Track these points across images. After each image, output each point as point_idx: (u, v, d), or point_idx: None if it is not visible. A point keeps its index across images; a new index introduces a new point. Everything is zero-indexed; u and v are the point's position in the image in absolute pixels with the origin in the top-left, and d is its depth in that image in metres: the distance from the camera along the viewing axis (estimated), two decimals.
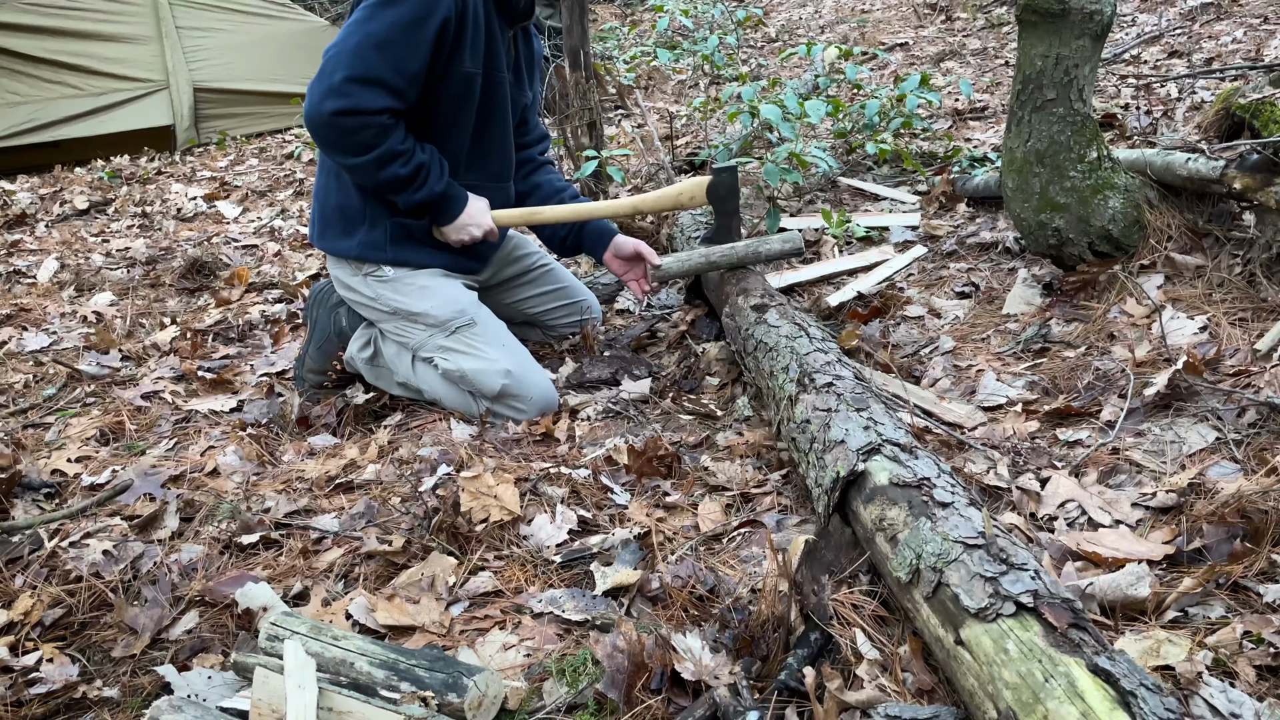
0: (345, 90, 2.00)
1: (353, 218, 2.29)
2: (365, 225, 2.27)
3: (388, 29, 2.00)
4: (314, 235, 2.40)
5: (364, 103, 2.00)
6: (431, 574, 1.63)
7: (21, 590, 1.67)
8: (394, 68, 2.01)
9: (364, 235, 2.28)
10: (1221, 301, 2.09)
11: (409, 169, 2.11)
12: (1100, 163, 2.28)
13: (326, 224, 2.35)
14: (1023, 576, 1.12)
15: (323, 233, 2.36)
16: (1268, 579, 1.31)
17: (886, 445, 1.48)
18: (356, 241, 2.28)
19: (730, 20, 6.30)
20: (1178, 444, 1.68)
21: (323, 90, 2.01)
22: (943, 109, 4.63)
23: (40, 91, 6.12)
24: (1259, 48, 4.31)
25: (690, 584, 1.51)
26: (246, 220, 4.74)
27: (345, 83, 2.00)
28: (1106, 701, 0.94)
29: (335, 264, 2.37)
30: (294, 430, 2.37)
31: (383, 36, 1.99)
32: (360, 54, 2.00)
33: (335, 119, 2.01)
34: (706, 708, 1.22)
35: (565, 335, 2.72)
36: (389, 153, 2.07)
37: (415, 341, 2.33)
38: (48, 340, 3.09)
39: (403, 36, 2.00)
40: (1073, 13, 2.14)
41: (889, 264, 2.81)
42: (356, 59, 2.00)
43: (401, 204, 2.21)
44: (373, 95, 2.01)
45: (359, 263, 2.31)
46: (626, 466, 1.95)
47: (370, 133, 2.04)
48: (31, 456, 2.22)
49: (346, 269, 2.35)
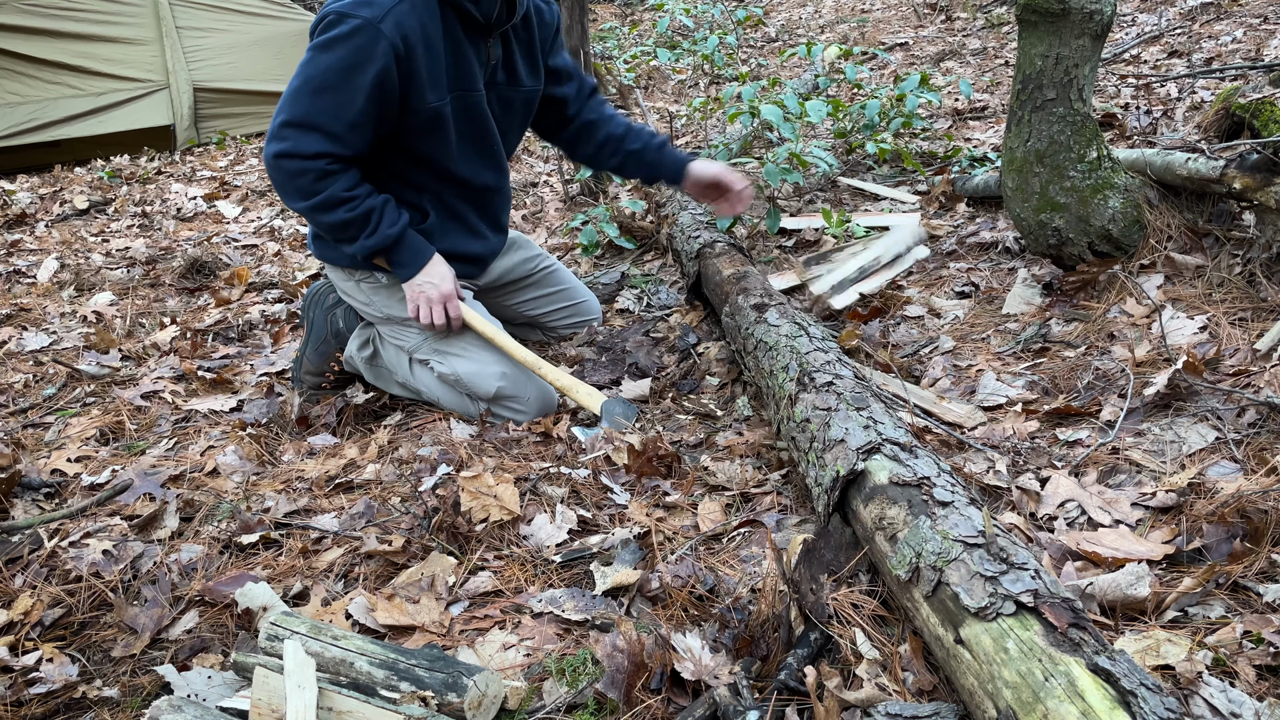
0: (282, 135, 1.99)
1: None
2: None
3: (324, 75, 1.97)
4: (311, 243, 2.41)
5: (300, 147, 1.98)
6: (431, 574, 1.63)
7: (21, 590, 1.67)
8: (331, 114, 1.98)
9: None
10: (1221, 301, 2.09)
11: (356, 213, 2.07)
12: (1100, 162, 2.28)
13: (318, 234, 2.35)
14: (1023, 576, 1.12)
15: (318, 244, 2.36)
16: (1268, 579, 1.31)
17: (886, 444, 1.48)
18: (347, 250, 2.29)
19: (730, 20, 6.30)
20: (1177, 444, 1.68)
21: (269, 133, 2.03)
22: (943, 109, 4.63)
23: (40, 92, 6.12)
24: (1259, 47, 4.31)
25: (690, 584, 1.51)
26: (246, 220, 4.74)
27: (282, 127, 2.00)
28: (1106, 701, 0.94)
29: (331, 268, 2.38)
30: (294, 430, 2.37)
31: (319, 82, 1.97)
32: (298, 99, 1.98)
33: (277, 162, 2.01)
34: (706, 707, 1.22)
35: (566, 336, 2.72)
36: (332, 198, 2.04)
37: (410, 344, 2.34)
38: (48, 340, 3.09)
39: (338, 82, 1.96)
40: (1073, 12, 2.14)
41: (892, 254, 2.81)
42: (295, 103, 1.99)
43: (359, 253, 2.15)
44: (309, 140, 1.98)
45: (351, 269, 2.32)
46: (626, 466, 1.95)
47: (309, 177, 2.01)
48: (31, 456, 2.22)
49: (340, 274, 2.36)
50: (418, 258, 2.19)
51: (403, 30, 1.96)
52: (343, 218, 2.07)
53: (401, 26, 1.96)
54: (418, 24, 1.99)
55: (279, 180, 2.05)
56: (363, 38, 1.94)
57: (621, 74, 5.82)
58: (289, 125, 1.99)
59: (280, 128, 2.00)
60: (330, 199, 2.04)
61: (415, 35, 1.99)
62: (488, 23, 2.12)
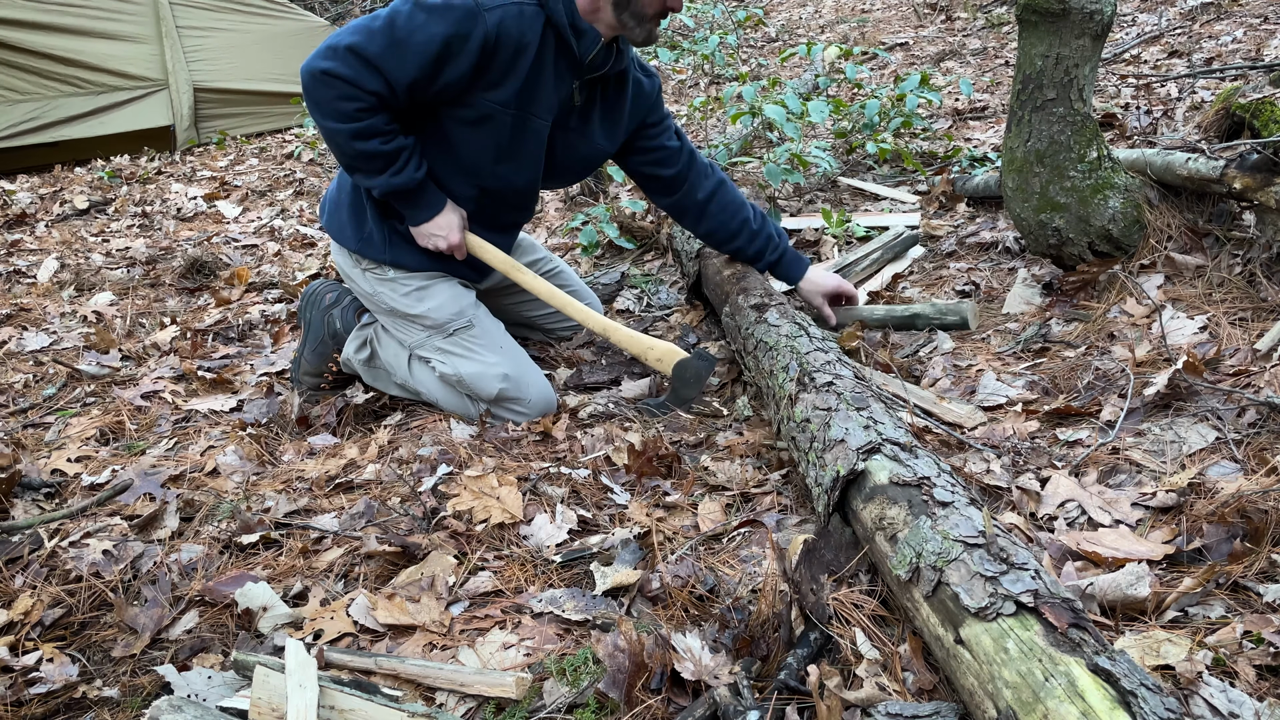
0: (345, 58, 1.95)
1: (358, 210, 2.28)
2: (368, 222, 2.27)
3: (413, 32, 1.95)
4: (323, 213, 2.39)
5: (360, 79, 1.96)
6: (431, 574, 1.63)
7: (21, 590, 1.67)
8: (400, 68, 1.97)
9: (365, 231, 2.27)
10: (1221, 301, 2.09)
11: (389, 147, 2.06)
12: (1100, 162, 2.28)
13: (336, 206, 2.34)
14: (1023, 576, 1.12)
15: (331, 215, 2.35)
16: (1268, 579, 1.31)
17: (886, 444, 1.48)
18: (358, 235, 2.28)
19: (730, 20, 6.30)
20: (1178, 444, 1.68)
21: (324, 47, 1.98)
22: (943, 109, 4.63)
23: (40, 88, 6.12)
24: (1259, 47, 4.31)
25: (690, 584, 1.51)
26: (246, 220, 4.74)
27: (348, 51, 1.95)
28: (1106, 701, 0.94)
29: (338, 251, 2.36)
30: (294, 430, 2.37)
31: (405, 35, 1.94)
32: (376, 37, 1.95)
33: (327, 79, 1.96)
34: (706, 707, 1.22)
35: (566, 336, 2.72)
36: (371, 128, 2.02)
37: (412, 341, 2.33)
38: (48, 340, 3.09)
39: (423, 46, 1.95)
40: (1073, 12, 2.14)
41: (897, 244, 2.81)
42: (372, 39, 1.95)
43: (378, 189, 2.13)
44: (370, 78, 1.96)
45: (359, 256, 2.31)
46: (626, 466, 1.95)
47: (355, 105, 1.99)
48: (31, 456, 2.22)
49: (348, 260, 2.34)
50: (432, 205, 2.20)
51: (502, 29, 1.98)
52: (376, 148, 2.05)
53: (503, 25, 1.98)
54: (518, 31, 2.00)
55: (322, 97, 1.99)
56: (466, 20, 1.95)
57: None
58: (356, 54, 1.95)
59: (346, 50, 1.95)
60: (369, 128, 2.02)
61: (510, 39, 2.00)
62: (582, 62, 2.11)
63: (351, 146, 2.04)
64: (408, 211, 2.20)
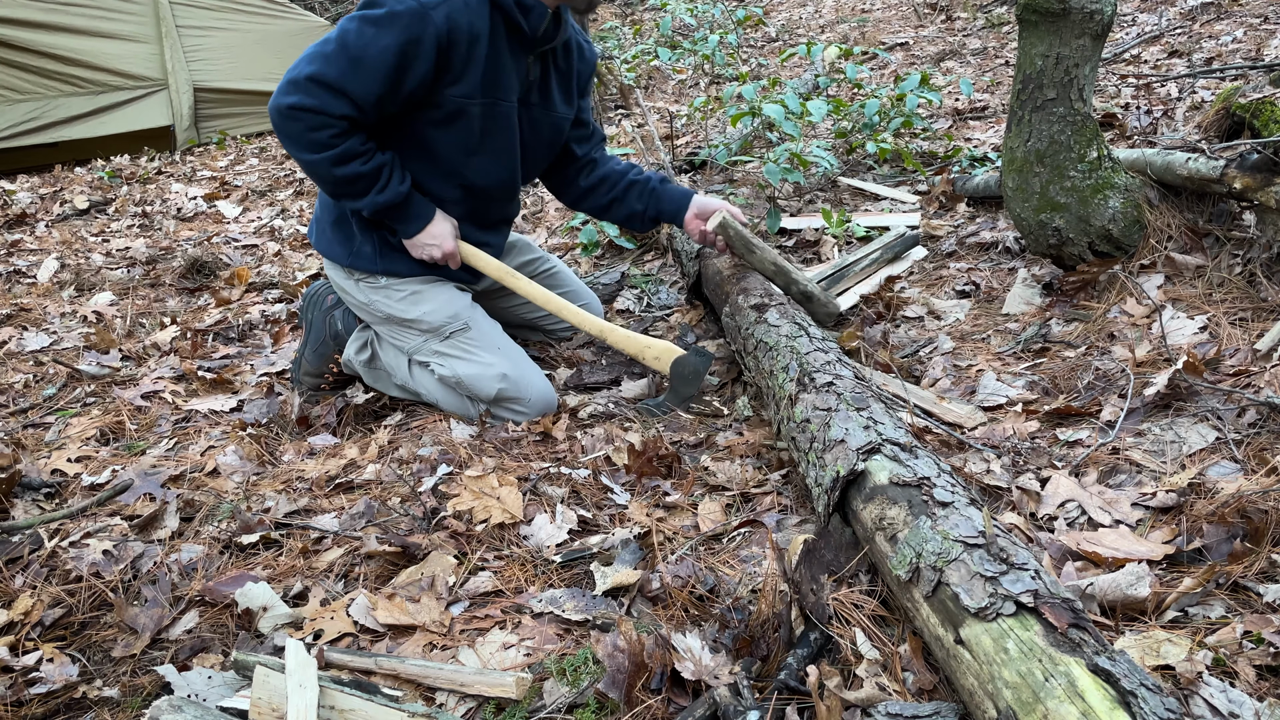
0: (308, 89, 1.97)
1: (344, 226, 2.29)
2: (356, 236, 2.28)
3: (366, 47, 1.95)
4: (312, 234, 2.40)
5: (326, 106, 1.97)
6: (431, 574, 1.63)
7: (21, 590, 1.67)
8: (363, 86, 1.97)
9: (355, 246, 2.28)
10: (1221, 301, 2.09)
11: (369, 167, 2.07)
12: (1100, 162, 2.28)
13: (322, 226, 2.35)
14: (1023, 576, 1.12)
15: (319, 235, 2.36)
16: (1268, 579, 1.31)
17: (886, 444, 1.48)
18: (347, 250, 2.29)
19: (730, 20, 6.29)
20: (1178, 444, 1.68)
21: (286, 81, 1.99)
22: (943, 109, 4.63)
23: (40, 88, 6.12)
24: (1259, 47, 4.31)
25: (690, 584, 1.51)
26: (246, 220, 4.74)
27: (309, 81, 1.96)
28: (1106, 701, 0.94)
29: (331, 266, 2.38)
30: (294, 430, 2.37)
31: (359, 52, 1.95)
32: (333, 61, 1.96)
33: (295, 113, 1.98)
34: (706, 707, 1.22)
35: (566, 337, 2.72)
36: (349, 152, 2.04)
37: (410, 346, 2.34)
38: (48, 340, 3.09)
39: (378, 59, 1.95)
40: (1073, 12, 2.14)
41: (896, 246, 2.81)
42: (329, 64, 1.96)
43: (366, 210, 2.15)
44: (337, 103, 1.97)
45: (350, 269, 2.31)
46: (626, 466, 1.95)
47: (327, 133, 2.00)
48: (31, 456, 2.22)
49: (340, 272, 2.35)
50: (421, 216, 2.21)
51: (452, 23, 1.99)
52: (357, 170, 2.07)
53: (452, 19, 1.98)
54: (467, 22, 2.01)
55: (293, 131, 2.01)
56: (415, 24, 1.95)
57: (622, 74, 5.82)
58: (318, 82, 1.96)
59: (307, 81, 1.96)
60: (346, 152, 2.04)
61: (462, 32, 2.01)
62: (534, 38, 2.13)
63: (333, 174, 2.06)
64: (399, 225, 2.21)
